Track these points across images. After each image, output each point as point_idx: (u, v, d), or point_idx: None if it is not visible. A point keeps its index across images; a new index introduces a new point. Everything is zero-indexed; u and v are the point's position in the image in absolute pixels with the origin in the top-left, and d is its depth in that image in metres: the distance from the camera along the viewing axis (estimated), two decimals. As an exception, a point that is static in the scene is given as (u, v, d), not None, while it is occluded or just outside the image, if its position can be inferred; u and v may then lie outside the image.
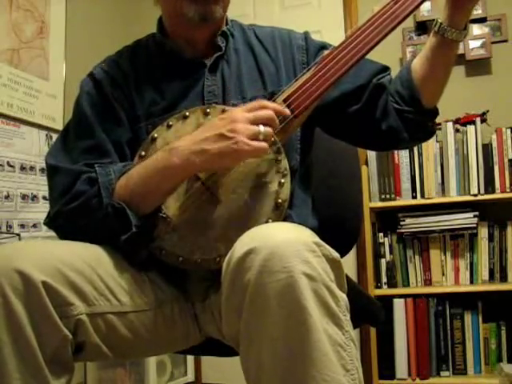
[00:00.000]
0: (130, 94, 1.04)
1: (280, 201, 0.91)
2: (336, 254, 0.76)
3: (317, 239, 0.75)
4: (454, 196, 2.22)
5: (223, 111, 0.95)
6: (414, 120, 1.02)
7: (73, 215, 0.93)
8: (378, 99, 1.04)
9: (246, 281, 0.71)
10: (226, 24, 1.11)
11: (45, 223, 0.99)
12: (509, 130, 2.20)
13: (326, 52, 1.00)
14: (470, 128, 2.22)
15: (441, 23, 0.95)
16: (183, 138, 0.90)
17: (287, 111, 0.92)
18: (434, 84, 1.01)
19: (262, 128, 0.85)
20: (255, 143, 0.84)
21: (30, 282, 0.74)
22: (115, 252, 0.91)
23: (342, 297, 0.74)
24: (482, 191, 2.19)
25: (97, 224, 0.91)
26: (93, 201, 0.91)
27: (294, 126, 0.96)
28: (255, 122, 0.86)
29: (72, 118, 1.05)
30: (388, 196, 2.29)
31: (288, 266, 0.69)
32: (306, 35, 1.13)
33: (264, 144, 0.85)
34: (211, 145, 0.85)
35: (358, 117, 1.06)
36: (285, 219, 0.93)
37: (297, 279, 0.68)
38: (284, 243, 0.71)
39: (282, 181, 0.91)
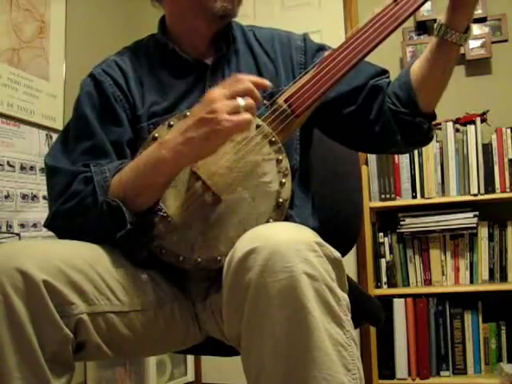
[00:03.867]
0: (130, 94, 1.04)
1: (281, 200, 0.91)
2: (337, 254, 0.76)
3: (318, 239, 0.75)
4: (453, 196, 2.22)
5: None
6: (409, 122, 1.01)
7: (69, 215, 0.93)
8: (373, 101, 1.04)
9: (248, 280, 0.71)
10: (227, 25, 1.11)
11: (44, 225, 0.99)
12: (509, 130, 2.20)
13: (325, 53, 1.00)
14: (470, 128, 2.22)
15: (442, 25, 0.95)
16: (171, 131, 0.89)
17: (266, 82, 0.89)
18: (431, 86, 1.00)
19: (240, 100, 0.82)
20: (237, 117, 0.81)
21: (31, 281, 0.74)
22: (116, 251, 0.91)
23: (343, 296, 0.74)
24: (482, 191, 2.19)
25: (93, 222, 0.91)
26: (88, 199, 0.91)
27: (294, 126, 0.97)
28: (233, 96, 0.82)
29: (72, 118, 1.05)
30: (388, 196, 2.30)
31: (289, 265, 0.69)
32: (305, 37, 1.14)
33: (246, 115, 0.81)
34: (195, 132, 0.82)
35: (353, 118, 1.06)
36: (286, 219, 0.94)
37: (298, 279, 0.68)
38: (285, 243, 0.71)
39: (283, 180, 0.92)
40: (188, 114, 0.97)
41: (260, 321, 0.70)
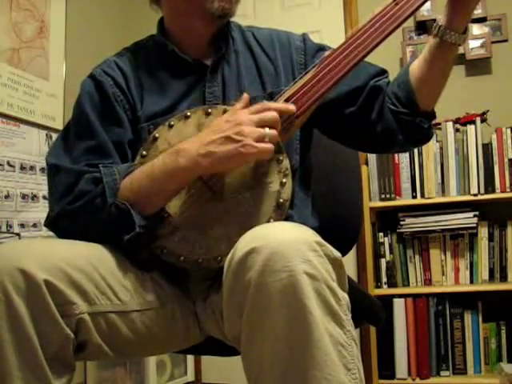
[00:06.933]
0: (130, 94, 1.04)
1: (282, 200, 0.91)
2: (338, 254, 0.76)
3: (318, 238, 0.75)
4: (454, 196, 2.22)
5: (225, 111, 0.95)
6: (410, 122, 1.02)
7: (77, 214, 0.93)
8: (374, 101, 1.05)
9: (248, 280, 0.71)
10: (226, 25, 1.11)
11: (45, 224, 0.99)
12: (509, 130, 2.20)
13: (325, 53, 1.00)
14: (470, 128, 2.22)
15: (440, 26, 0.96)
16: (190, 139, 0.90)
17: (292, 107, 0.93)
18: (430, 86, 1.01)
19: (267, 130, 0.87)
20: (262, 145, 0.85)
21: (32, 281, 0.74)
22: (117, 251, 0.91)
23: (344, 296, 0.74)
24: (482, 191, 2.19)
25: (100, 223, 0.91)
26: (97, 200, 0.91)
27: (295, 127, 0.97)
28: (260, 125, 0.87)
29: (72, 118, 1.05)
30: (388, 196, 2.30)
31: (290, 265, 0.69)
32: (305, 37, 1.14)
33: (270, 146, 0.86)
34: (218, 147, 0.85)
35: (354, 119, 1.06)
36: (286, 219, 0.94)
37: (298, 278, 0.68)
38: (285, 243, 0.71)
39: (284, 180, 0.92)
40: (189, 114, 0.97)
41: (260, 320, 0.70)
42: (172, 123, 0.97)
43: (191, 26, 1.06)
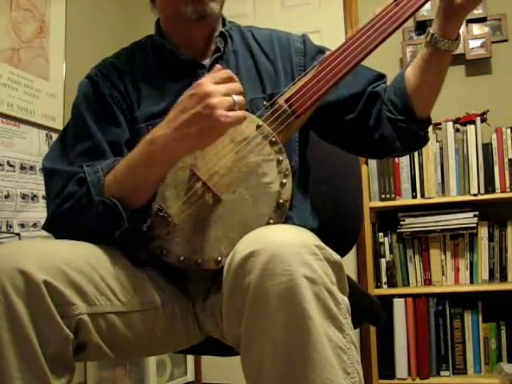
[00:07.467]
0: (127, 95, 1.04)
1: (281, 201, 0.91)
2: (337, 257, 0.76)
3: (318, 242, 0.75)
4: (454, 196, 2.22)
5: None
6: (407, 129, 1.03)
7: (66, 216, 0.93)
8: (371, 108, 1.05)
9: (247, 283, 0.71)
10: (224, 25, 1.11)
11: (43, 228, 0.99)
12: (509, 130, 2.20)
13: (326, 54, 1.00)
14: (470, 128, 2.22)
15: (433, 34, 0.96)
16: (160, 124, 0.87)
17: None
18: (426, 93, 1.02)
19: (235, 97, 0.83)
20: (234, 113, 0.82)
21: (31, 282, 0.74)
22: (116, 252, 0.91)
23: (343, 300, 0.74)
24: (482, 191, 2.19)
25: (90, 222, 0.90)
26: (83, 200, 0.90)
27: (295, 127, 0.97)
28: (228, 94, 0.83)
29: (70, 120, 1.05)
30: (388, 196, 2.30)
31: (289, 269, 0.69)
32: (305, 38, 1.13)
33: (241, 113, 0.83)
34: (191, 127, 0.82)
35: (352, 125, 1.07)
36: (285, 220, 0.94)
37: (298, 282, 0.68)
38: (285, 246, 0.71)
39: (284, 181, 0.92)
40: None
41: (259, 324, 0.70)
42: (171, 123, 0.97)
43: (181, 28, 1.06)
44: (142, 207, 0.90)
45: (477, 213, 2.19)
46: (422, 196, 2.26)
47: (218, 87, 0.83)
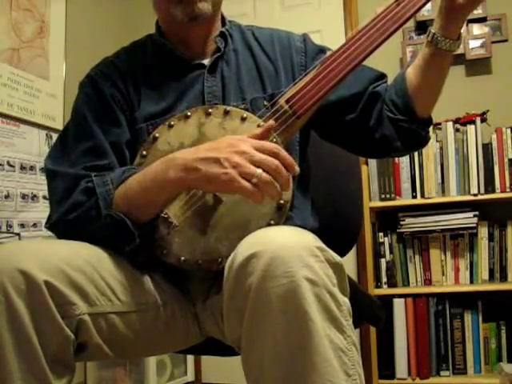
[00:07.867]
0: (128, 94, 1.04)
1: (282, 202, 0.91)
2: (338, 258, 0.76)
3: (319, 243, 0.74)
4: (453, 196, 2.22)
5: (225, 111, 0.95)
6: (408, 129, 1.03)
7: (72, 225, 0.93)
8: (372, 108, 1.05)
9: (248, 285, 0.70)
10: (224, 24, 1.11)
11: (46, 227, 0.99)
12: (509, 130, 2.20)
13: (327, 53, 1.00)
14: (470, 128, 2.22)
15: (434, 33, 0.96)
16: (189, 149, 0.88)
17: (297, 169, 0.84)
18: (427, 93, 1.01)
19: (258, 172, 0.79)
20: (243, 183, 0.78)
21: (32, 282, 0.74)
22: (116, 252, 0.91)
23: (345, 301, 0.73)
24: (482, 191, 2.19)
25: (96, 234, 0.91)
26: (91, 212, 0.91)
27: (296, 127, 0.97)
28: (256, 164, 0.80)
29: (70, 120, 1.05)
30: (388, 196, 2.30)
31: (290, 270, 0.69)
32: (305, 38, 1.13)
33: (250, 187, 0.78)
34: (205, 166, 0.82)
35: (353, 125, 1.06)
36: (286, 221, 0.94)
37: (299, 284, 0.68)
38: (286, 248, 0.71)
39: (284, 181, 0.91)
40: (189, 114, 0.97)
41: (260, 325, 0.70)
42: (172, 123, 0.97)
43: (177, 29, 1.06)
44: (149, 221, 0.91)
45: (477, 213, 2.19)
46: (422, 196, 2.26)
47: (252, 152, 0.81)
